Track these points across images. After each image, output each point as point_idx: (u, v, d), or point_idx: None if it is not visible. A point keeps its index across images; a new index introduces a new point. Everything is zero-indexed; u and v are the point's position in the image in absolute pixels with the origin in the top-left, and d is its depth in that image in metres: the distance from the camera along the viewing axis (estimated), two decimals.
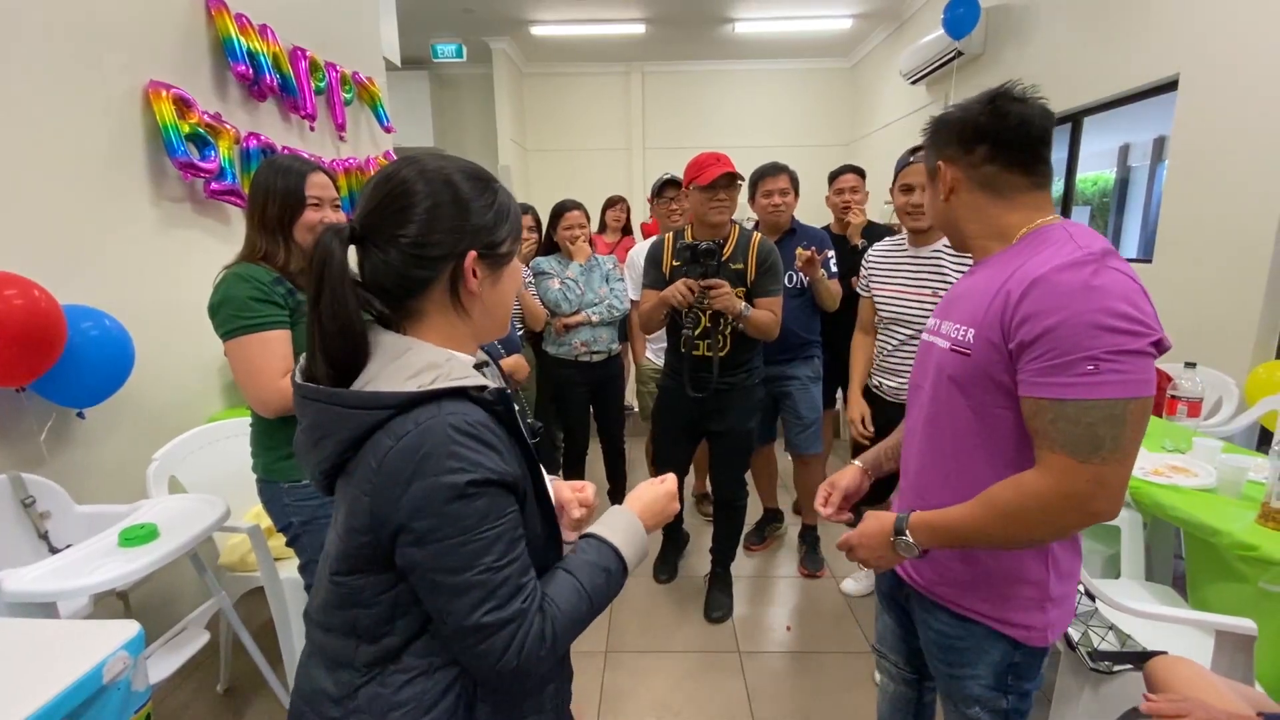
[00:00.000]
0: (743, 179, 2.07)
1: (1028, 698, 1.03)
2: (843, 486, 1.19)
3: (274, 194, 1.36)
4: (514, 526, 0.68)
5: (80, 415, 1.76)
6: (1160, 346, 0.80)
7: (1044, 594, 0.96)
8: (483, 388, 0.68)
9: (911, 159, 1.95)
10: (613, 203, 3.85)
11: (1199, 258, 2.80)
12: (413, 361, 0.67)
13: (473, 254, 0.71)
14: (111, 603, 1.77)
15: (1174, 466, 1.74)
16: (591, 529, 0.81)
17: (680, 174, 2.30)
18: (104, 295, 1.81)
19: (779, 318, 2.06)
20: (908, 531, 0.94)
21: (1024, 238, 0.93)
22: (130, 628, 1.01)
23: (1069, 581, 0.99)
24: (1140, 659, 1.26)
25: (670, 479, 0.91)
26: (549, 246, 2.85)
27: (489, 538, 0.65)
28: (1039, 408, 0.82)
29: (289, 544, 1.47)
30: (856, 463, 1.23)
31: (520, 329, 2.63)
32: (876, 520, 1.00)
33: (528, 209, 2.76)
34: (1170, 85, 2.94)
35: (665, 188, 2.90)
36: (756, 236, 2.09)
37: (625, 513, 0.83)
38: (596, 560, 0.76)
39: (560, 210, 2.74)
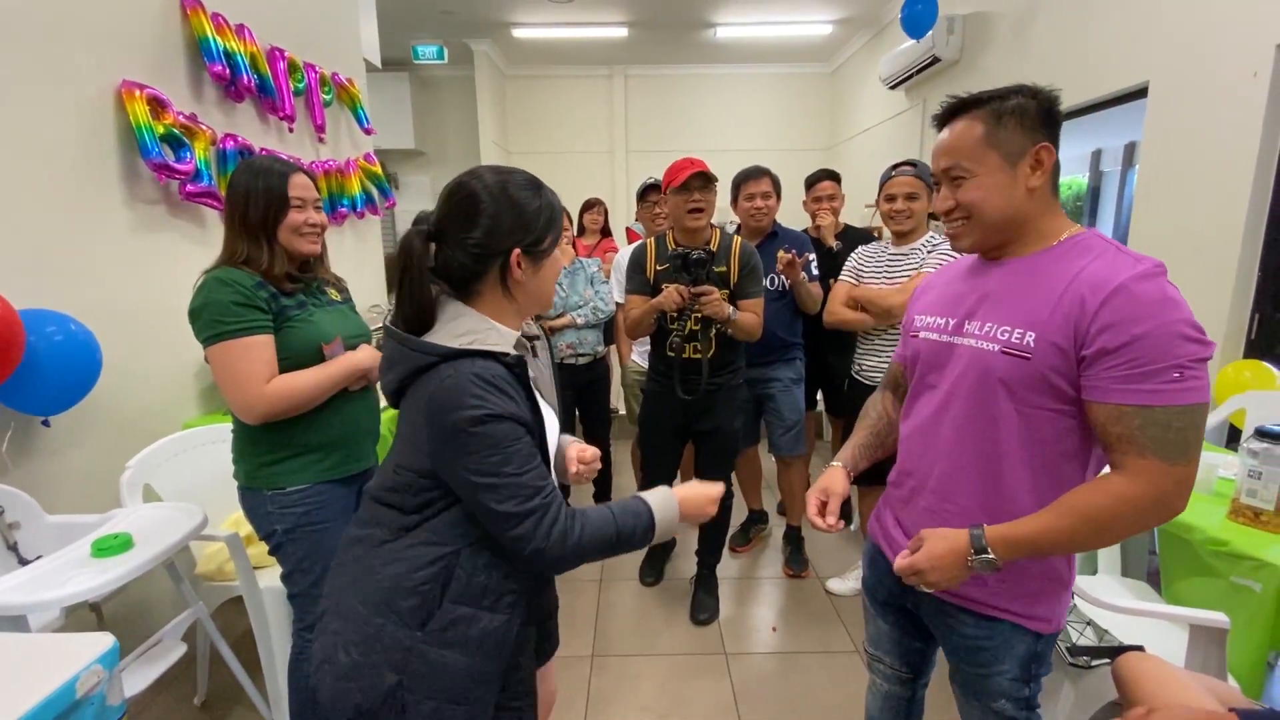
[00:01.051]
0: (716, 179, 2.09)
1: (1041, 681, 1.06)
2: (839, 493, 1.12)
3: (255, 196, 1.33)
4: (529, 447, 0.89)
5: (45, 423, 1.71)
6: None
7: (1063, 584, 1.01)
8: (505, 353, 0.90)
9: (895, 173, 2.07)
10: (590, 205, 3.85)
11: (1168, 260, 2.79)
12: (460, 326, 0.92)
13: (517, 251, 0.93)
14: (84, 615, 1.73)
15: None
16: (639, 493, 1.02)
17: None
18: (72, 299, 1.76)
19: (761, 318, 2.11)
20: (989, 549, 0.89)
21: (1064, 242, 0.93)
22: (104, 640, 0.98)
23: (1075, 570, 1.03)
24: (1117, 653, 1.29)
25: (719, 487, 1.07)
26: None
27: (507, 453, 0.86)
28: (1121, 413, 0.83)
29: (271, 552, 1.43)
30: (837, 464, 1.19)
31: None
32: (945, 541, 0.92)
33: None
34: (1140, 92, 3.02)
35: (648, 191, 2.91)
36: (737, 240, 2.12)
37: (667, 491, 1.03)
38: (633, 508, 0.98)
39: None
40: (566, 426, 2.85)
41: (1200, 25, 2.66)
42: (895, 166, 2.10)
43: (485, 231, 0.91)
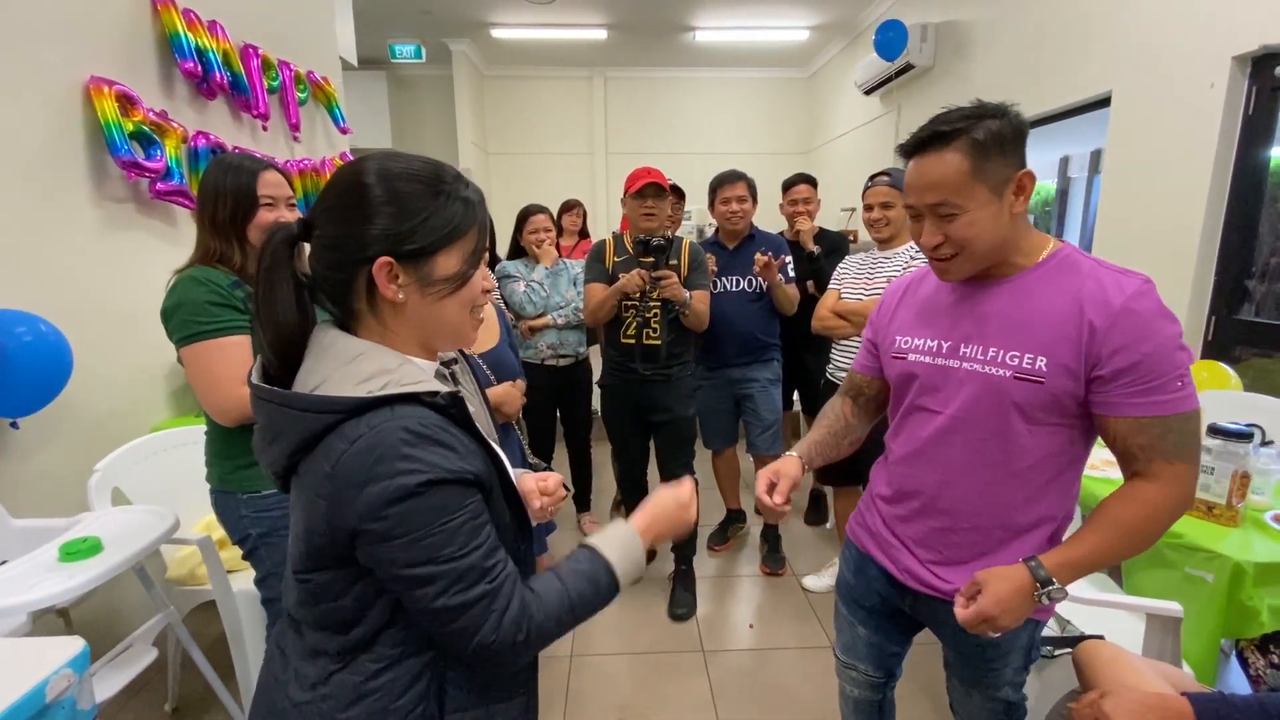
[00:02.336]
0: (669, 191, 2.28)
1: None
2: (790, 476, 1.09)
3: (224, 194, 1.31)
4: (474, 515, 0.68)
5: (13, 425, 1.68)
6: None
7: None
8: (435, 393, 0.68)
9: (871, 184, 2.16)
10: (569, 207, 3.87)
11: (1130, 265, 2.93)
12: (365, 367, 0.67)
13: (382, 260, 0.67)
14: (51, 621, 1.69)
15: (1109, 461, 1.83)
16: (590, 540, 0.81)
17: None
18: (40, 299, 1.73)
19: (708, 308, 2.28)
20: (1054, 581, 0.90)
21: (1048, 260, 0.97)
22: (75, 644, 0.97)
23: None
24: (1078, 643, 1.33)
25: (687, 483, 0.92)
26: (515, 250, 2.85)
27: (448, 530, 0.66)
28: (1141, 425, 0.89)
29: (245, 557, 1.42)
30: (793, 453, 1.15)
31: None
32: (1008, 582, 0.91)
33: None
34: (1104, 102, 3.12)
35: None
36: (687, 240, 2.33)
37: (625, 527, 0.84)
38: (587, 570, 0.77)
39: (526, 214, 2.75)
40: (548, 429, 2.90)
41: (1161, 37, 2.76)
42: (873, 178, 2.19)
43: (341, 225, 0.68)
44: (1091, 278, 0.93)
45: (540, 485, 0.98)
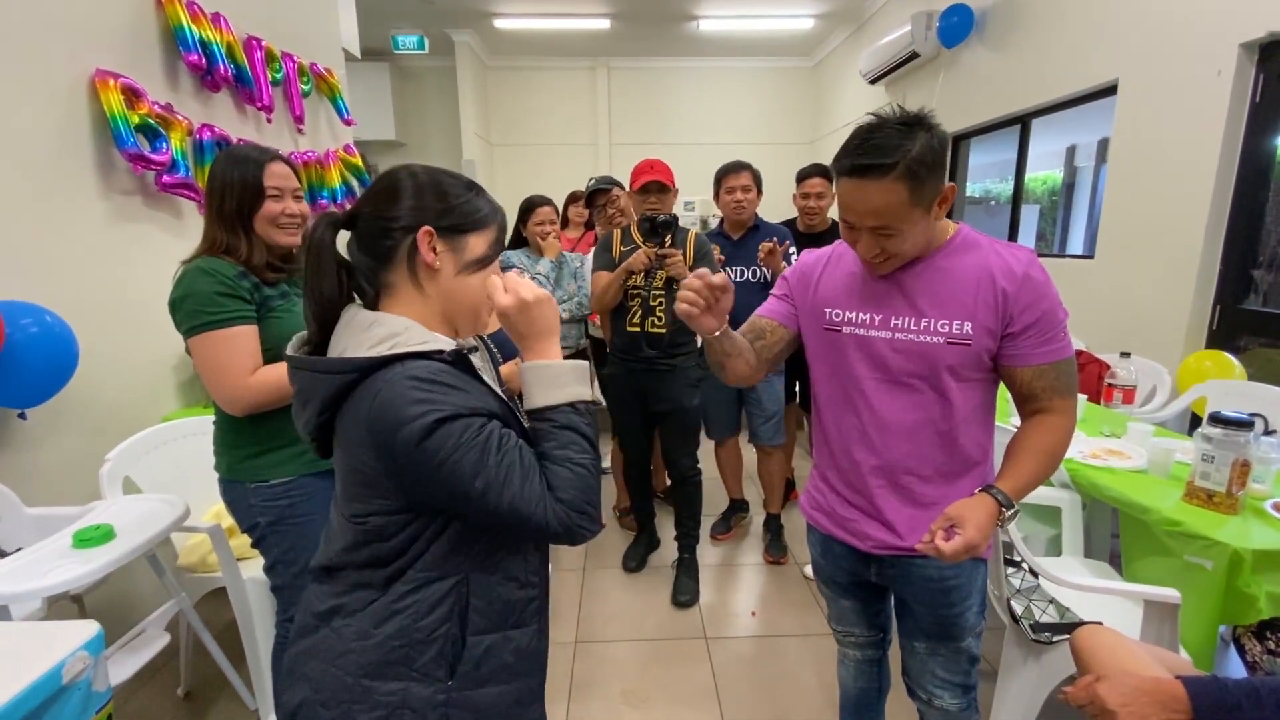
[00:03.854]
0: (674, 188, 2.34)
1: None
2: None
3: (231, 185, 1.31)
4: (495, 431, 0.75)
5: (22, 416, 1.70)
6: None
7: None
8: (440, 351, 0.76)
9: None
10: (575, 198, 3.84)
11: (1135, 255, 2.95)
12: (376, 332, 0.76)
13: (427, 228, 0.78)
14: (65, 606, 1.73)
15: (1110, 450, 1.85)
16: (528, 406, 0.81)
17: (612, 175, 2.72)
18: (47, 291, 1.75)
19: None
20: (1014, 503, 1.04)
21: (953, 241, 1.10)
22: (90, 627, 0.99)
23: None
24: (1076, 629, 1.35)
25: (512, 276, 0.84)
26: (518, 241, 2.85)
27: (476, 446, 0.72)
28: (1041, 371, 1.06)
29: (254, 545, 1.43)
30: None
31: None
32: (981, 510, 0.99)
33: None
34: (1111, 90, 3.09)
35: (596, 195, 2.86)
36: (693, 232, 2.34)
37: (530, 366, 0.82)
38: (556, 432, 0.79)
39: (530, 205, 2.74)
40: None
41: (1168, 24, 2.73)
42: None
43: (391, 205, 0.79)
44: (992, 252, 1.08)
45: None
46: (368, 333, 0.76)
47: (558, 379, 0.81)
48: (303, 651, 0.81)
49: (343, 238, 0.84)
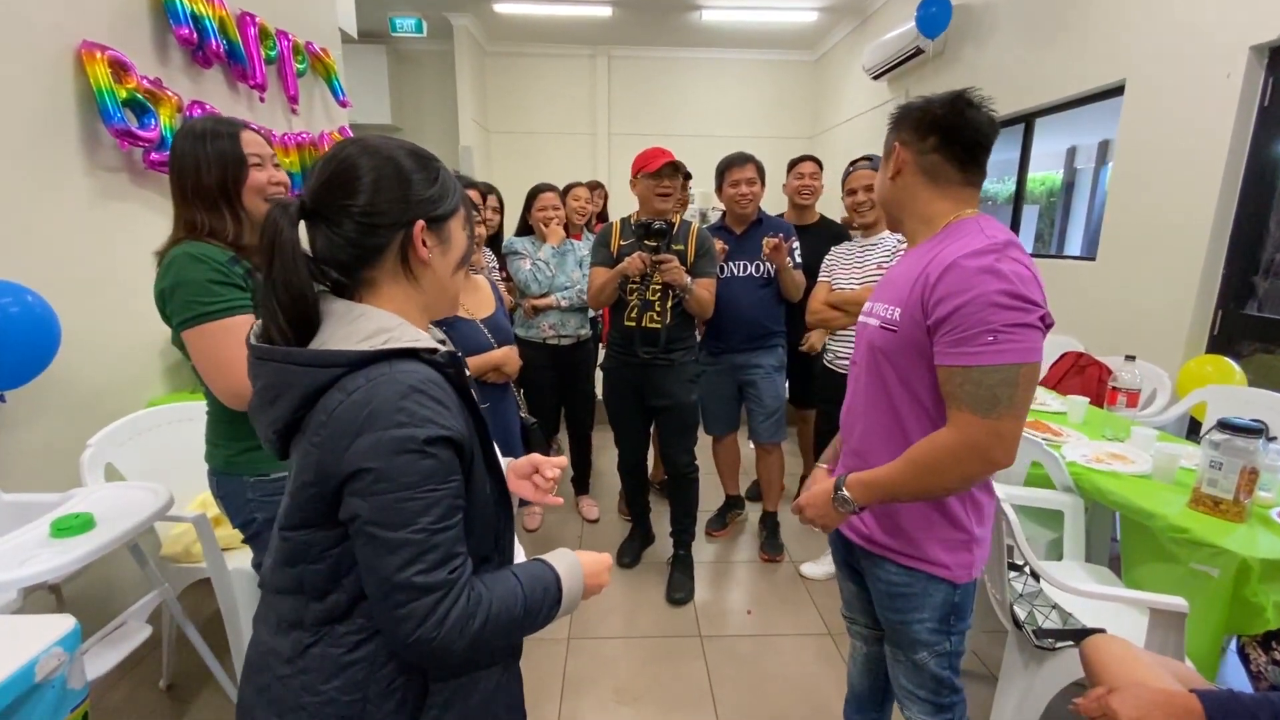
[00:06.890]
0: (688, 172, 2.27)
1: (963, 638, 1.17)
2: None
3: (207, 161, 1.21)
4: (455, 495, 0.69)
5: (0, 399, 1.65)
6: (1045, 322, 0.95)
7: (970, 536, 1.11)
8: (434, 350, 0.71)
9: (854, 168, 2.25)
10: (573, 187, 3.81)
11: (1138, 258, 2.94)
12: (365, 326, 0.70)
13: (421, 223, 0.74)
14: (43, 597, 1.68)
15: (1113, 454, 1.83)
16: (541, 556, 0.83)
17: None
18: (28, 270, 1.69)
19: (714, 296, 2.27)
20: (845, 489, 1.07)
21: (945, 228, 1.05)
22: (65, 622, 0.95)
23: (986, 526, 1.14)
24: (1080, 636, 1.33)
25: (608, 557, 0.91)
26: (523, 228, 2.82)
27: (431, 499, 0.66)
28: (950, 375, 0.96)
29: (248, 540, 1.37)
30: (822, 465, 1.32)
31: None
32: (819, 485, 1.13)
33: (491, 189, 2.71)
34: (1117, 90, 3.07)
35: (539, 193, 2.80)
36: (695, 225, 2.30)
37: (571, 556, 0.85)
38: (540, 576, 0.79)
39: (535, 192, 2.73)
40: (551, 409, 2.88)
41: (1178, 26, 2.71)
42: (854, 163, 2.27)
43: (371, 195, 0.71)
44: (959, 240, 0.99)
45: (540, 466, 1.00)
46: (354, 325, 0.70)
47: (575, 577, 0.82)
48: (259, 690, 0.74)
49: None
